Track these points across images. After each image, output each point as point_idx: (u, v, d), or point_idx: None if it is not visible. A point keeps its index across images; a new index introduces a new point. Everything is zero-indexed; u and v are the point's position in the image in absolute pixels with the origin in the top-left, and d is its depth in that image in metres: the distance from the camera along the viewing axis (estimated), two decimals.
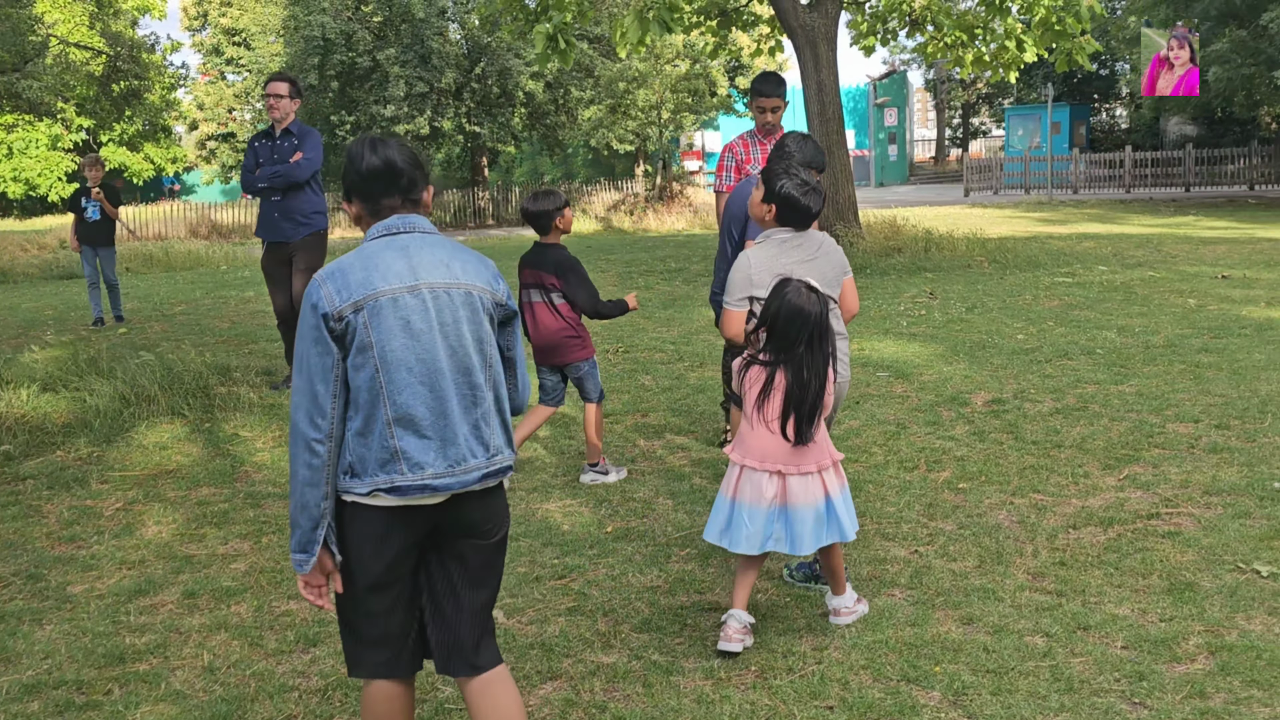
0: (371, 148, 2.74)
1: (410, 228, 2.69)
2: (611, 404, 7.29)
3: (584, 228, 24.90)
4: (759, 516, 3.61)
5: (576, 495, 5.43)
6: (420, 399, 2.56)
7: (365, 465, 2.56)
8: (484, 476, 2.64)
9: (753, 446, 3.64)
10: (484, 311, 2.69)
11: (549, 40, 12.68)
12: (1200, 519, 4.70)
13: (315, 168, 7.41)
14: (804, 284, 3.57)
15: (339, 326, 2.54)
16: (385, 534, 2.59)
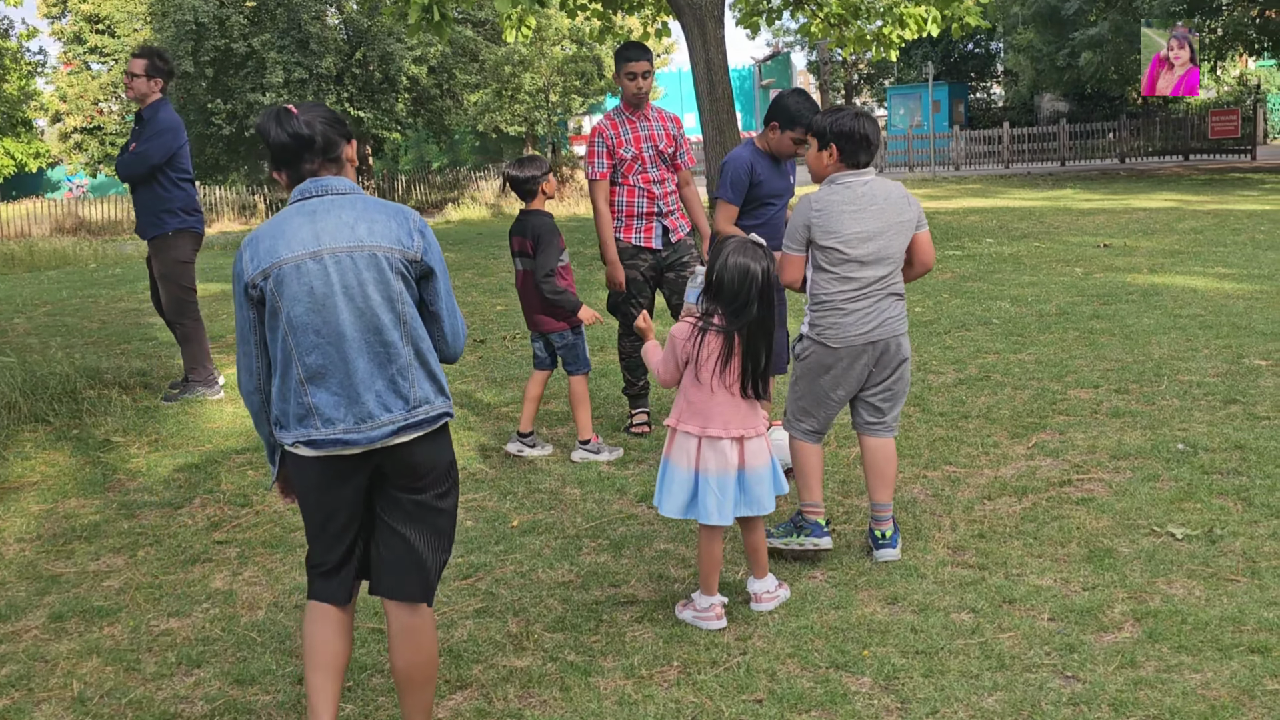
0: (277, 122, 2.80)
1: (322, 190, 2.77)
2: (512, 392, 7.04)
3: (473, 214, 24.46)
4: (728, 484, 3.53)
5: (480, 488, 5.19)
6: (328, 359, 2.68)
7: (287, 419, 2.73)
8: (402, 429, 2.72)
9: (714, 414, 3.53)
10: (392, 270, 2.73)
11: (424, 12, 12.26)
12: (1111, 484, 4.68)
13: (151, 162, 6.54)
14: (747, 240, 3.51)
15: (255, 293, 2.70)
16: (318, 479, 2.76)
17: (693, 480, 3.57)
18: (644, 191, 5.68)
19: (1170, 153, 28.55)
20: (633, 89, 5.64)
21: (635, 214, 5.72)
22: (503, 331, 9.13)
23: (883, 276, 3.97)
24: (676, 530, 4.48)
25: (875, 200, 3.96)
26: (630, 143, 5.68)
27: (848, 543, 4.25)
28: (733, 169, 5.04)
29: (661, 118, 5.82)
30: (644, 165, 5.69)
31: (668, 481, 3.62)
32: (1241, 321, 7.62)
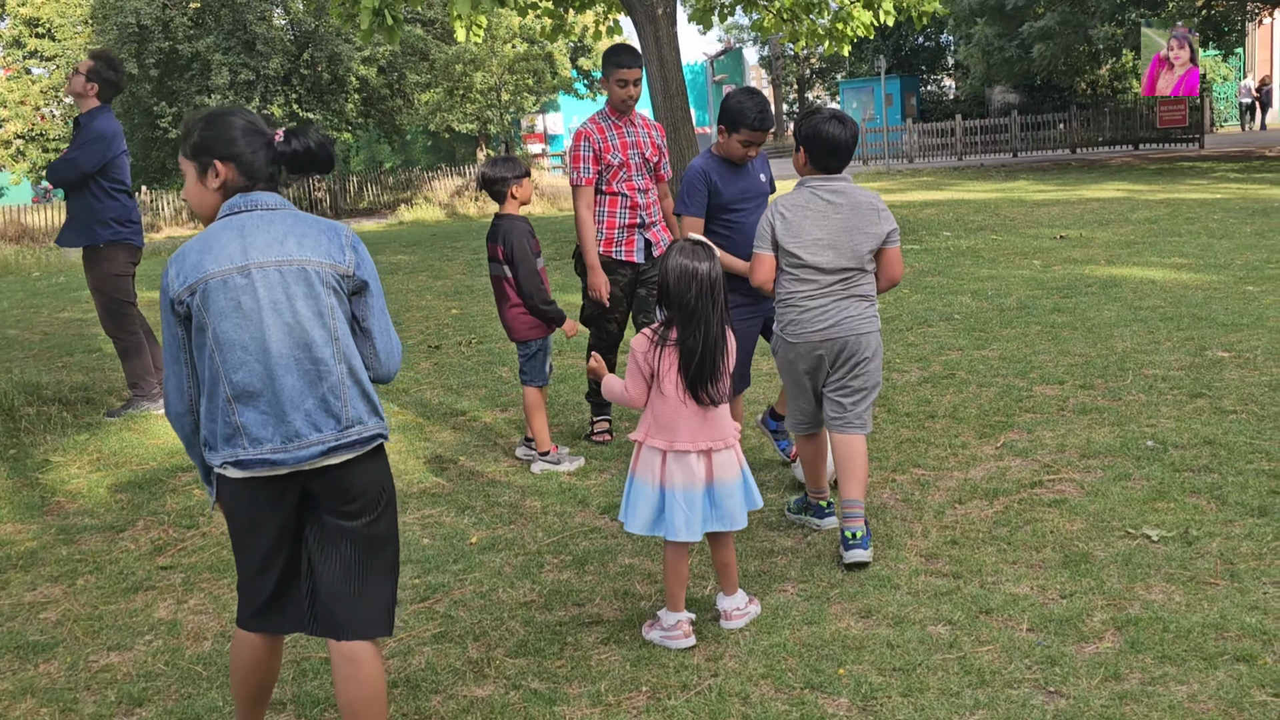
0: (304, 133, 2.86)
1: (251, 205, 2.71)
2: (468, 400, 6.87)
3: (427, 215, 24.16)
4: (695, 499, 3.42)
5: (436, 503, 5.02)
6: (255, 376, 2.61)
7: (215, 439, 2.65)
8: (333, 449, 2.65)
9: (680, 427, 3.42)
10: (323, 285, 2.68)
11: (375, 15, 12.03)
12: (1082, 484, 4.59)
13: (81, 169, 6.24)
14: (689, 241, 3.45)
15: (182, 309, 2.63)
16: (246, 502, 2.67)
17: (659, 496, 3.45)
18: (628, 200, 5.47)
19: (1120, 143, 28.78)
20: (622, 96, 5.44)
21: (618, 225, 5.50)
22: (459, 336, 8.94)
23: (843, 280, 4.04)
24: (641, 544, 4.34)
25: (841, 209, 4.02)
26: (617, 148, 5.46)
27: (818, 553, 4.13)
28: (687, 180, 4.84)
29: (647, 125, 5.62)
30: (630, 173, 5.47)
31: (634, 497, 3.50)
32: (1201, 312, 7.60)
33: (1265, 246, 10.35)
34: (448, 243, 17.55)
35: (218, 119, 2.77)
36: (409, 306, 10.81)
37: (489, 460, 5.62)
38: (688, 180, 4.84)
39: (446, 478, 5.38)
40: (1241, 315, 7.39)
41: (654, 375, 3.43)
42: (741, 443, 3.77)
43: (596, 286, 5.50)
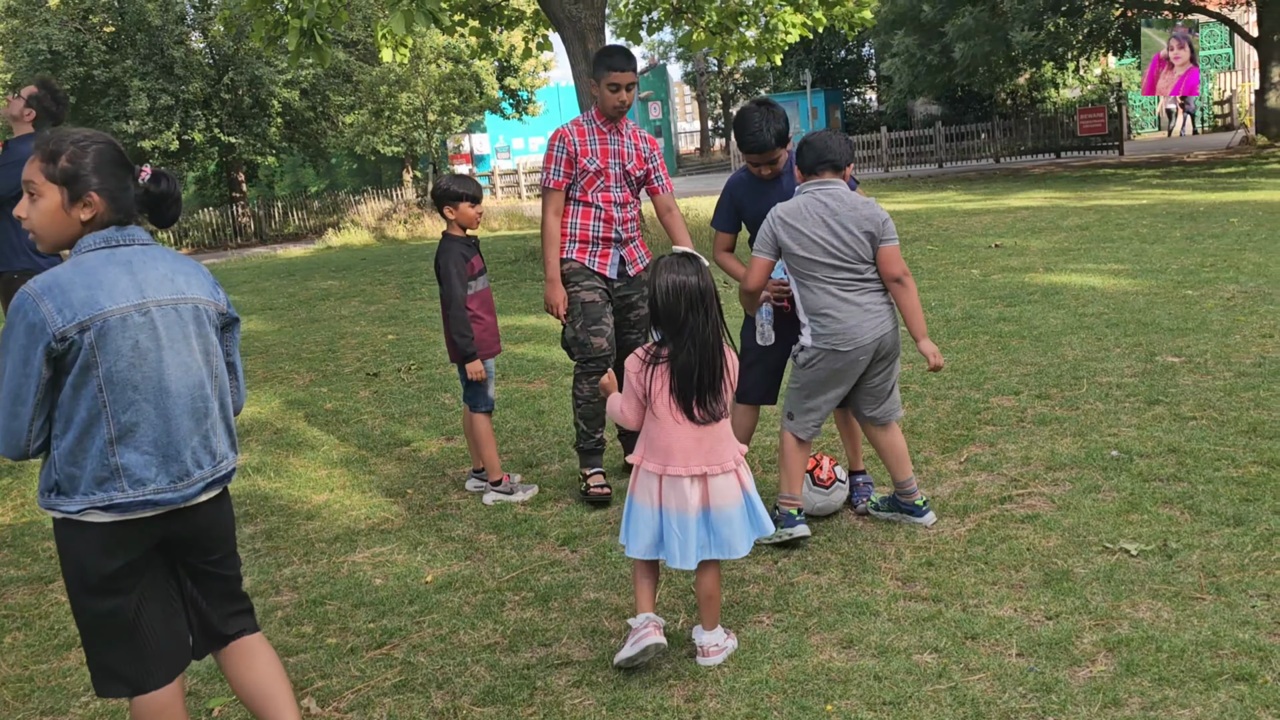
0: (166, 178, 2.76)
1: (130, 240, 2.63)
2: (411, 428, 6.63)
3: (356, 239, 23.74)
4: (689, 525, 3.32)
5: (385, 540, 4.78)
6: (145, 417, 2.54)
7: (77, 483, 2.52)
8: (209, 485, 2.68)
9: (674, 450, 3.32)
10: (210, 324, 2.70)
11: (303, 36, 11.75)
12: (1052, 498, 4.51)
13: None
14: (676, 254, 3.35)
15: (60, 347, 2.46)
16: (104, 550, 2.54)
17: (659, 518, 3.36)
18: (602, 213, 4.98)
19: (1042, 151, 29.27)
20: (614, 101, 4.93)
21: (590, 238, 5.00)
22: (397, 363, 8.69)
23: (862, 277, 4.14)
24: (605, 577, 4.16)
25: (838, 210, 4.11)
26: (596, 154, 4.98)
27: (790, 580, 3.98)
28: (722, 196, 4.79)
29: (635, 136, 5.11)
30: (607, 183, 4.99)
31: (633, 521, 3.40)
32: (1145, 318, 7.63)
33: (1197, 250, 10.49)
34: (378, 267, 17.22)
35: (97, 148, 2.63)
36: (343, 333, 10.52)
37: (438, 492, 5.40)
38: (721, 196, 4.79)
39: (395, 512, 5.15)
40: (1185, 320, 7.42)
41: (647, 396, 3.33)
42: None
43: (552, 301, 4.98)
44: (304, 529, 5.03)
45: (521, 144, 40.81)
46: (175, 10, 25.46)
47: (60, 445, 2.53)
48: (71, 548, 2.57)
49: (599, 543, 4.51)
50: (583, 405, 5.06)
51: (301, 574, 4.48)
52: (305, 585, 4.36)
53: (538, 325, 9.92)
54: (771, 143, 4.41)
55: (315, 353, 9.37)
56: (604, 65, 4.91)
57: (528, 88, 33.44)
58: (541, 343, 8.99)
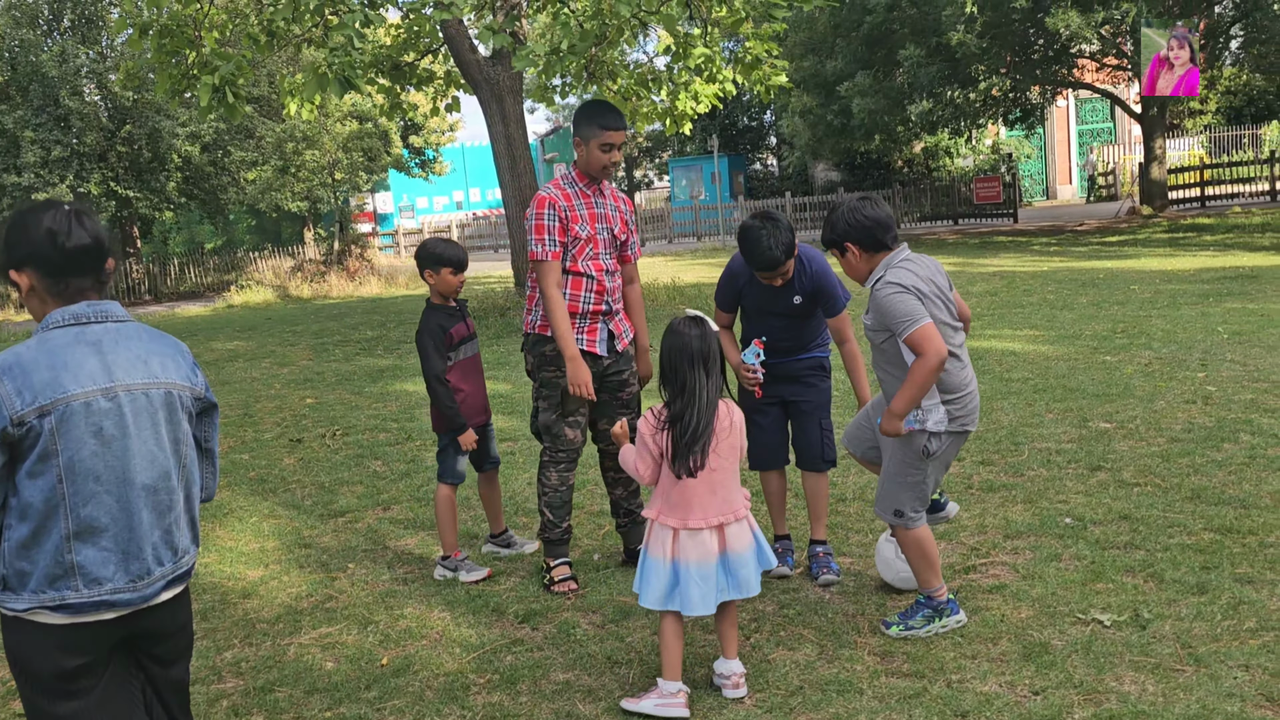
0: (78, 220, 2.45)
1: (102, 316, 2.45)
2: (344, 498, 6.39)
3: (257, 297, 23.19)
4: (710, 573, 3.47)
5: (332, 619, 4.55)
6: (106, 511, 2.37)
7: (27, 580, 2.34)
8: (170, 583, 2.51)
9: (693, 504, 3.48)
10: (183, 410, 2.54)
11: (214, 91, 11.48)
12: (1015, 567, 4.51)
13: None
14: (687, 317, 3.51)
15: (18, 432, 2.29)
16: (57, 649, 2.36)
17: (672, 571, 3.49)
18: (594, 283, 4.62)
19: (940, 218, 30.14)
20: (606, 161, 4.57)
21: (581, 311, 4.61)
22: (320, 428, 8.41)
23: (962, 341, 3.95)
24: (573, 656, 4.01)
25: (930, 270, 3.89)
26: (585, 220, 4.61)
27: (765, 657, 3.88)
28: (726, 270, 4.63)
29: (616, 198, 4.80)
30: (597, 250, 4.64)
31: (647, 573, 3.54)
32: (1071, 383, 7.79)
33: (1106, 317, 10.82)
34: (286, 327, 16.80)
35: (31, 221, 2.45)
36: (258, 396, 10.17)
37: (381, 566, 5.18)
38: (726, 270, 4.64)
39: (338, 589, 4.92)
40: (1109, 385, 7.60)
41: (663, 456, 3.48)
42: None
43: (580, 380, 4.46)
44: (241, 608, 4.76)
45: (425, 203, 40.57)
46: (73, 62, 24.74)
47: (11, 537, 2.35)
48: (20, 648, 2.39)
49: (560, 619, 4.36)
50: (549, 494, 4.72)
51: (245, 658, 4.23)
52: (250, 670, 4.11)
53: None
54: (782, 258, 4.27)
55: (231, 417, 9.02)
56: (596, 123, 4.54)
57: (433, 147, 33.31)
58: None
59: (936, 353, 3.60)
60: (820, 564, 4.61)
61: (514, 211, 15.69)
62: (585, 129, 4.57)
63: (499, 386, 9.70)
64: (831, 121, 25.78)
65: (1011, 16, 21.75)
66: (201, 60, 12.46)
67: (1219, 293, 11.69)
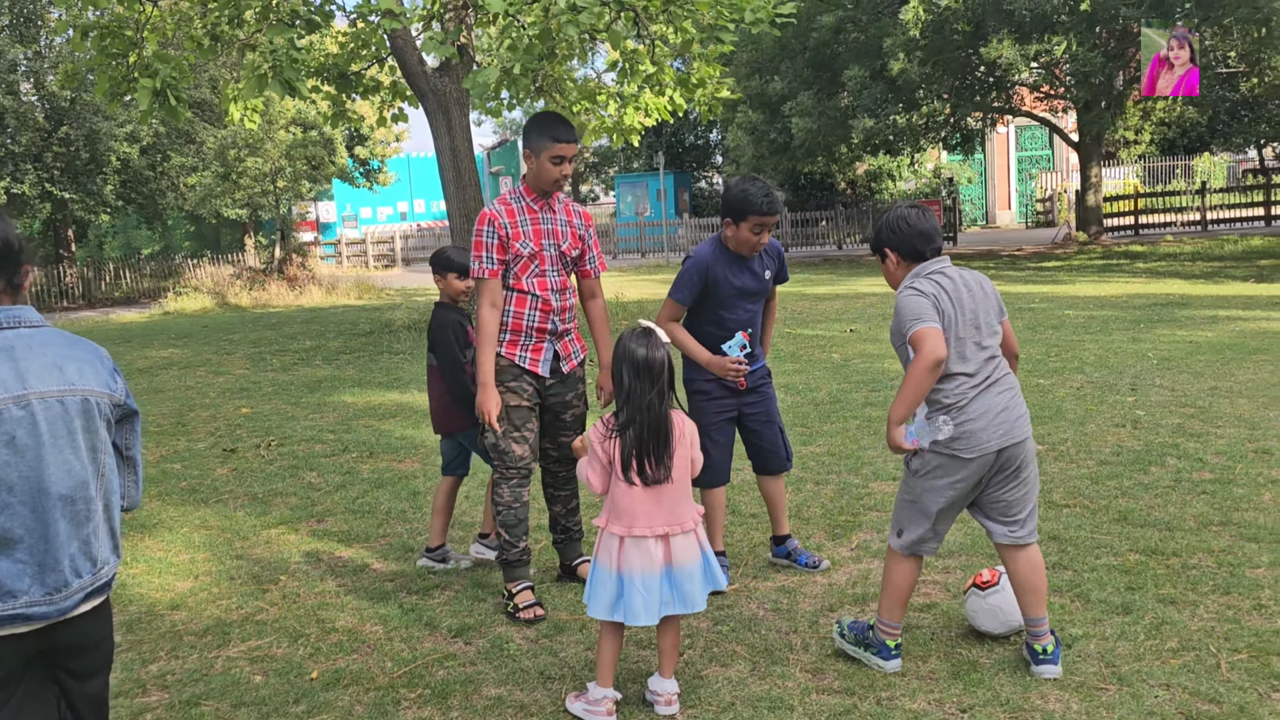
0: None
1: (15, 322, 2.40)
2: (278, 510, 6.30)
3: (194, 304, 22.83)
4: (653, 584, 3.49)
5: (262, 632, 4.49)
6: (20, 521, 2.32)
7: None
8: (89, 595, 2.45)
9: (638, 513, 3.51)
10: (101, 417, 2.47)
11: (155, 95, 11.32)
12: (946, 585, 4.57)
13: None
14: (637, 329, 3.57)
15: None
16: None
17: (617, 581, 3.52)
18: (539, 302, 4.50)
19: None
20: (557, 174, 4.44)
21: (524, 328, 4.50)
22: (255, 438, 8.29)
23: (994, 364, 3.70)
24: (506, 671, 3.99)
25: (963, 286, 3.70)
26: (529, 236, 4.47)
27: (698, 674, 3.89)
28: (687, 267, 4.56)
29: (568, 212, 4.62)
30: (542, 267, 4.50)
31: (595, 582, 3.57)
32: None
33: (1041, 341, 11.01)
34: (222, 335, 16.57)
35: None
36: (192, 405, 10.01)
37: (315, 579, 5.12)
38: (687, 267, 4.56)
39: (269, 601, 4.85)
40: (1041, 408, 7.73)
41: (611, 464, 3.51)
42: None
43: (485, 407, 4.40)
44: (169, 620, 4.68)
45: (369, 213, 40.25)
46: (7, 58, 24.25)
47: None
48: None
49: (494, 634, 4.33)
50: (504, 511, 4.55)
51: (170, 670, 4.16)
52: (176, 684, 4.04)
53: (401, 401, 9.66)
54: (780, 202, 4.43)
55: (163, 426, 8.86)
56: (548, 135, 4.41)
57: (379, 157, 33.09)
58: (409, 419, 8.74)
59: (930, 352, 3.49)
60: (806, 555, 4.88)
61: (458, 224, 15.63)
62: (535, 141, 4.44)
63: None
64: (775, 139, 26.05)
65: (953, 41, 22.14)
66: (143, 63, 12.29)
67: (1150, 319, 11.96)
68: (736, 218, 4.45)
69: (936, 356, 3.49)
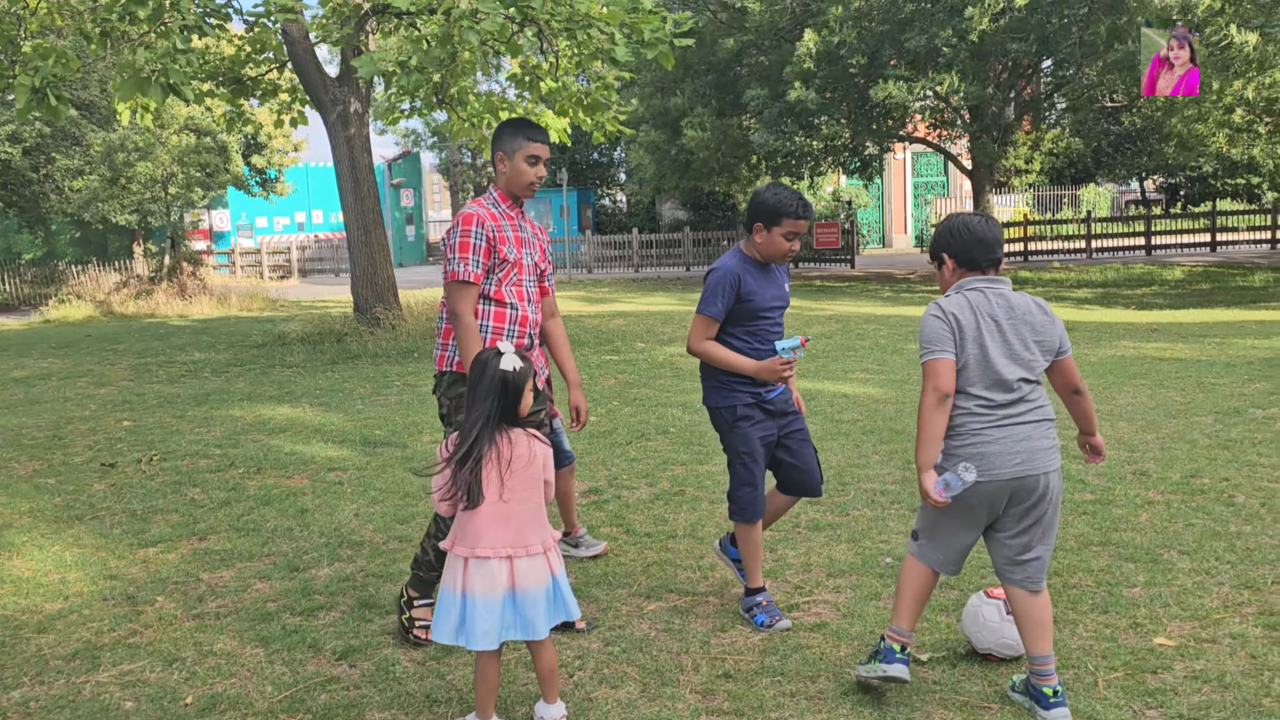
0: None
1: None
2: (158, 527, 6.08)
3: (77, 312, 22.03)
4: (494, 607, 3.39)
5: (135, 655, 4.30)
6: None
7: None
8: None
9: (483, 533, 3.41)
10: None
11: (34, 93, 10.89)
12: (837, 605, 4.60)
13: None
14: (497, 349, 3.49)
15: None
16: None
17: (461, 603, 3.42)
18: (518, 314, 4.26)
19: None
20: (532, 176, 4.23)
21: (505, 339, 4.24)
22: (136, 453, 8.00)
23: (1023, 397, 3.51)
24: (390, 695, 3.88)
25: (1011, 311, 3.54)
26: (513, 243, 4.24)
27: (588, 696, 3.85)
28: (716, 279, 4.34)
29: (533, 225, 4.45)
30: (520, 276, 4.27)
31: (441, 606, 3.46)
32: (897, 426, 8.05)
33: None
34: (107, 345, 16.01)
35: None
36: (70, 418, 9.63)
37: (193, 600, 4.94)
38: (716, 278, 4.33)
39: (144, 623, 4.66)
40: None
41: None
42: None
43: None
44: (35, 644, 4.46)
45: (265, 222, 39.39)
46: None
47: None
48: None
49: (380, 656, 4.22)
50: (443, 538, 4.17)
51: (34, 697, 3.96)
52: (40, 711, 3.85)
53: (292, 415, 9.43)
54: (813, 209, 4.33)
55: (38, 440, 8.50)
56: (521, 134, 4.22)
57: (276, 166, 32.42)
58: (298, 434, 8.53)
59: (933, 389, 3.41)
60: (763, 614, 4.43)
61: (355, 235, 15.38)
62: (509, 142, 4.24)
63: (331, 416, 9.44)
64: (676, 156, 26.26)
65: (849, 72, 22.62)
66: (23, 60, 11.82)
67: None
68: (769, 223, 4.31)
69: (940, 392, 3.42)
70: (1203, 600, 4.48)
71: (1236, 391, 9.02)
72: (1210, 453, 6.92)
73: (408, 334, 14.36)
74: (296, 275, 35.03)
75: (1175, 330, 13.62)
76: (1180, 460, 6.74)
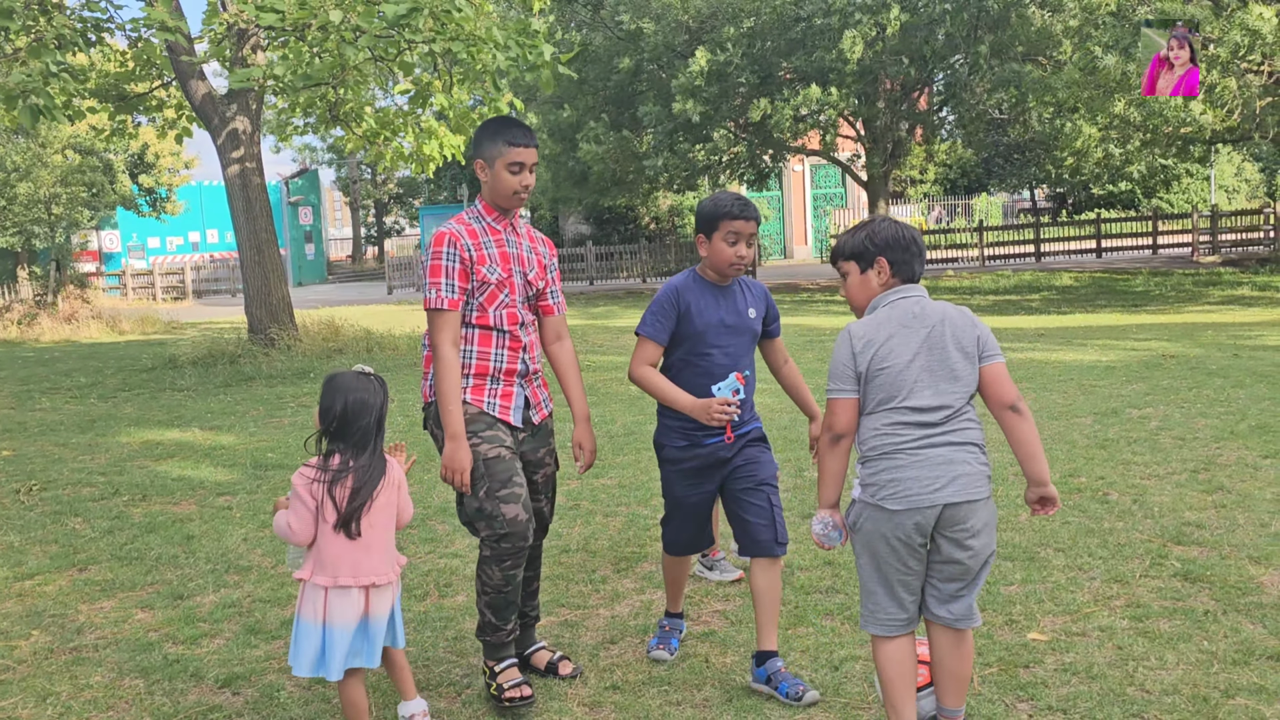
0: None
1: None
2: (35, 559, 5.89)
3: None
4: (347, 636, 3.37)
5: (7, 693, 4.16)
6: None
7: None
8: None
9: (344, 562, 3.36)
10: None
11: None
12: (726, 614, 4.66)
13: None
14: (359, 371, 3.47)
15: None
16: None
17: (321, 634, 3.38)
18: (506, 337, 3.88)
19: None
20: (516, 185, 3.83)
21: (489, 371, 3.87)
22: (14, 483, 7.75)
23: (946, 420, 3.17)
24: None
25: (928, 322, 3.22)
26: (495, 260, 3.85)
27: (475, 713, 3.84)
28: (657, 298, 3.95)
29: (531, 237, 4.04)
30: (511, 297, 3.89)
31: (300, 638, 3.39)
32: (791, 435, 8.18)
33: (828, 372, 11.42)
34: None
35: None
36: None
37: (70, 632, 4.79)
38: (658, 297, 3.95)
39: (17, 658, 4.51)
40: None
41: (319, 509, 3.35)
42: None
43: (455, 465, 3.70)
44: None
45: (158, 243, 38.40)
46: None
47: None
48: None
49: (264, 683, 4.15)
50: (491, 595, 3.80)
51: None
52: None
53: (181, 440, 9.22)
54: (756, 213, 3.90)
55: None
56: (501, 139, 3.82)
57: (166, 185, 31.67)
58: (187, 459, 8.34)
59: (827, 429, 3.23)
60: (790, 682, 3.78)
61: (248, 255, 15.11)
62: (489, 148, 3.84)
63: (222, 439, 9.25)
64: (572, 168, 26.37)
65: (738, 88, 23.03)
66: None
67: None
68: (709, 229, 3.88)
69: (833, 433, 3.22)
70: (1075, 595, 4.64)
71: (1115, 393, 9.37)
72: (1088, 452, 7.18)
73: (303, 354, 14.16)
74: (191, 297, 34.24)
75: (1060, 334, 14.08)
76: (1060, 460, 6.97)
